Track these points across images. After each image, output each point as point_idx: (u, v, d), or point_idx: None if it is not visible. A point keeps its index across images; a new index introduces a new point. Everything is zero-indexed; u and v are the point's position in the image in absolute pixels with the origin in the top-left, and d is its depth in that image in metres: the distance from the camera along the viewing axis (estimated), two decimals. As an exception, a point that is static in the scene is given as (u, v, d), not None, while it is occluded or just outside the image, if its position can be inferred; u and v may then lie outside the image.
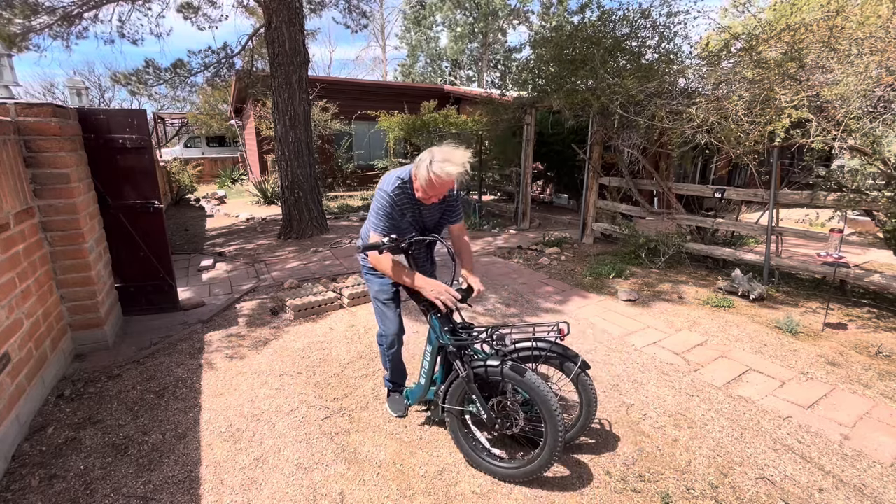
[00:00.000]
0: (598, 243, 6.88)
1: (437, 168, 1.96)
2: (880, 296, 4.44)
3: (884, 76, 3.24)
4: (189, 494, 2.09)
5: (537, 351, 2.16)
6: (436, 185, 2.01)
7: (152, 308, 4.16)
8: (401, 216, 2.21)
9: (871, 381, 2.97)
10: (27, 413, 2.58)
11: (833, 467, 2.22)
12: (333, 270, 5.53)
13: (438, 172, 1.95)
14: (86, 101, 7.54)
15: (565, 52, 6.10)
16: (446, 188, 2.06)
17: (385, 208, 2.15)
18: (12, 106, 2.96)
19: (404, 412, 2.63)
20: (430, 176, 1.98)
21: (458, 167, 1.96)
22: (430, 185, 2.02)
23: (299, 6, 6.98)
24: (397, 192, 2.15)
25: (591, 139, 6.61)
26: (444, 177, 1.96)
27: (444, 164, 1.96)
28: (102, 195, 3.78)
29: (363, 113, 12.88)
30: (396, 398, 2.68)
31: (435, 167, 1.96)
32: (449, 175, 1.96)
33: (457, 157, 1.98)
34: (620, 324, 3.93)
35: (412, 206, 2.23)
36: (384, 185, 2.18)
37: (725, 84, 4.44)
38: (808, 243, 6.07)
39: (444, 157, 1.97)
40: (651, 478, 2.17)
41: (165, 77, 8.50)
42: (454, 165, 1.96)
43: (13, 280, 2.61)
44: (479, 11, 25.65)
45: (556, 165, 10.01)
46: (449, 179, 1.98)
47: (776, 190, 4.63)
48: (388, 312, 2.46)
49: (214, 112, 17.77)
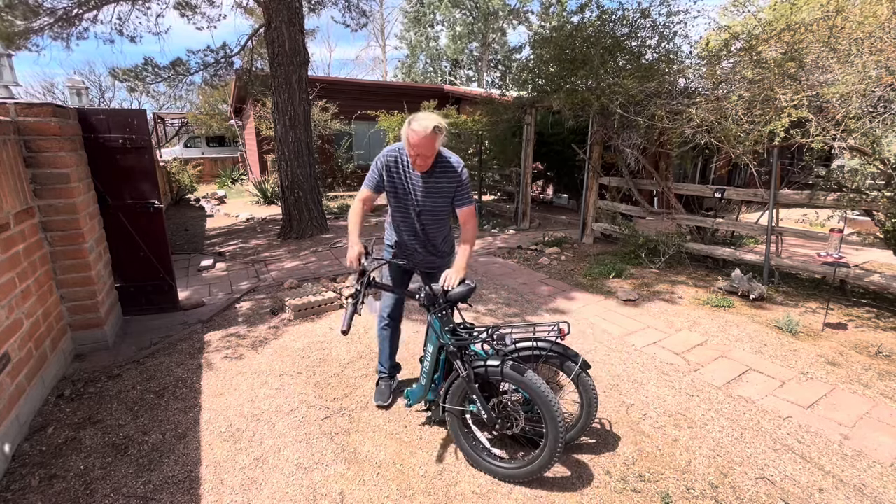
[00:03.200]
0: (598, 243, 6.88)
1: (414, 125, 2.15)
2: (880, 296, 4.44)
3: (884, 76, 3.24)
4: (189, 494, 2.09)
5: (538, 351, 2.16)
6: (413, 143, 2.16)
7: (152, 308, 4.16)
8: (391, 180, 2.38)
9: (871, 381, 2.97)
10: (27, 413, 2.58)
11: (833, 467, 2.22)
12: (333, 270, 5.53)
13: (415, 128, 2.13)
14: (86, 100, 7.55)
15: (565, 52, 6.10)
16: (428, 145, 2.16)
17: (373, 168, 2.41)
18: (12, 106, 2.96)
19: (385, 401, 2.71)
20: (409, 134, 2.16)
21: (433, 122, 2.13)
22: (411, 145, 2.18)
23: (299, 6, 6.97)
24: (390, 153, 2.36)
25: (591, 139, 6.61)
26: (419, 131, 2.12)
27: (420, 121, 2.14)
28: (102, 195, 3.77)
29: (363, 113, 12.87)
30: (382, 388, 2.78)
31: (413, 125, 2.16)
32: (424, 128, 2.11)
33: (431, 116, 2.18)
34: (620, 324, 3.93)
35: (407, 173, 2.36)
36: (383, 151, 2.40)
37: (725, 84, 4.44)
38: (808, 243, 6.08)
39: (420, 117, 2.18)
40: (651, 478, 2.17)
41: (164, 75, 8.48)
42: (429, 121, 2.13)
43: (13, 280, 2.61)
44: (478, 11, 25.64)
45: (556, 165, 10.01)
46: (425, 133, 2.11)
47: (776, 190, 4.63)
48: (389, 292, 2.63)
49: (214, 112, 17.77)
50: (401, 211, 2.46)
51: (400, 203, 2.44)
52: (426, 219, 2.44)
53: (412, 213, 2.42)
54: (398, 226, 2.53)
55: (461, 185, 2.36)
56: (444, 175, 2.34)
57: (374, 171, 2.40)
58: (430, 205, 2.39)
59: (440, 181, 2.34)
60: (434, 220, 2.46)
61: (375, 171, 2.39)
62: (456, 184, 2.35)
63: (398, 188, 2.39)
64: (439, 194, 2.37)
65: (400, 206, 2.45)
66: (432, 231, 2.49)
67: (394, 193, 2.42)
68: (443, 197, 2.38)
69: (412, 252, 2.55)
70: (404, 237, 2.53)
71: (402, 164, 2.35)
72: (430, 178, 2.34)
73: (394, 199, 2.45)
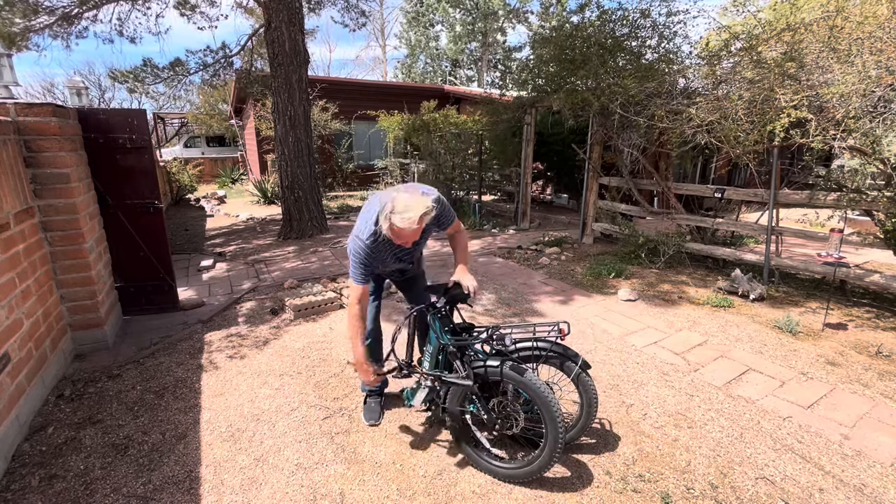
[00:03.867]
0: (598, 243, 6.88)
1: (397, 220, 1.90)
2: (880, 296, 4.44)
3: (884, 76, 3.24)
4: (189, 494, 2.09)
5: (538, 351, 2.16)
6: (400, 236, 1.97)
7: (152, 308, 4.16)
8: (381, 259, 2.22)
9: (871, 381, 2.97)
10: (27, 413, 2.58)
11: (833, 467, 2.22)
12: (333, 270, 5.53)
13: (399, 224, 1.90)
14: (86, 100, 7.55)
15: (565, 52, 6.10)
16: (415, 235, 1.98)
17: (361, 258, 2.11)
18: (12, 106, 2.96)
19: (377, 420, 2.59)
20: (393, 227, 1.93)
21: (420, 209, 1.89)
22: (396, 236, 1.98)
23: (299, 6, 6.97)
24: (372, 241, 2.09)
25: (591, 139, 6.61)
26: (405, 227, 1.90)
27: (404, 213, 1.89)
28: (102, 195, 3.77)
29: (363, 113, 12.88)
30: (372, 405, 2.65)
31: (395, 219, 1.90)
32: (411, 224, 1.89)
33: (416, 204, 1.90)
34: (620, 324, 3.93)
35: (391, 249, 2.19)
36: (360, 232, 2.11)
37: (725, 84, 4.44)
38: (808, 243, 6.07)
39: (403, 206, 1.90)
40: (651, 478, 2.17)
41: (163, 76, 8.48)
42: (415, 210, 1.89)
43: (13, 280, 2.61)
44: (478, 11, 25.64)
45: (556, 165, 10.01)
46: (412, 229, 1.90)
47: (776, 190, 4.64)
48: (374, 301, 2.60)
49: (214, 112, 17.77)
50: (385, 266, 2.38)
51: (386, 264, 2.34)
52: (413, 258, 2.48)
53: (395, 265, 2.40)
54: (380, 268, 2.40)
55: (441, 218, 2.20)
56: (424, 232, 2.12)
57: (363, 268, 2.13)
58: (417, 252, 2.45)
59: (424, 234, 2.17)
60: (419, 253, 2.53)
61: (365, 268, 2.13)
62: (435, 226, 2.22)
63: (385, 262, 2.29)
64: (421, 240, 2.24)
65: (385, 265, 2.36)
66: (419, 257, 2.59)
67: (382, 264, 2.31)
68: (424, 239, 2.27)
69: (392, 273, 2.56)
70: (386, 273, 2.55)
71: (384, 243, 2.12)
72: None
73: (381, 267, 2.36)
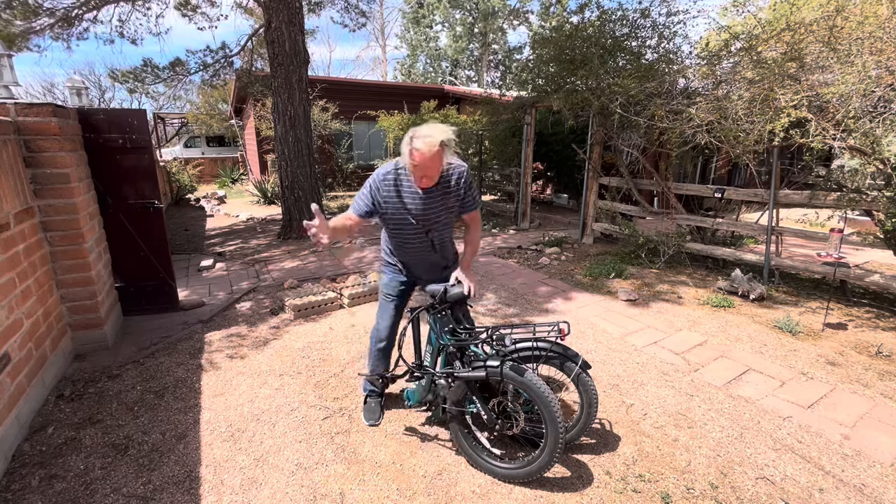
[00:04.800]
0: (598, 243, 6.88)
1: (418, 143, 1.92)
2: (880, 296, 4.44)
3: (884, 76, 3.25)
4: (189, 494, 2.09)
5: (538, 351, 2.16)
6: (419, 163, 1.95)
7: (152, 308, 4.16)
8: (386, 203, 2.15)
9: (871, 381, 2.97)
10: (27, 413, 2.58)
11: (833, 467, 2.22)
12: (333, 270, 5.53)
13: (419, 147, 1.91)
14: (86, 100, 7.54)
15: (565, 53, 6.10)
16: (434, 165, 1.97)
17: (365, 192, 2.15)
18: (12, 106, 2.96)
19: (377, 421, 2.56)
20: (412, 153, 1.94)
21: (439, 135, 1.91)
22: (416, 164, 1.97)
23: (299, 6, 6.97)
24: (386, 177, 2.13)
25: (591, 139, 6.61)
26: (424, 150, 1.90)
27: (424, 138, 1.91)
28: (102, 195, 3.77)
29: (363, 113, 12.88)
30: (372, 406, 2.63)
31: (416, 142, 1.93)
32: (431, 146, 1.89)
33: (437, 128, 1.93)
34: (620, 324, 3.93)
35: (408, 195, 2.14)
36: (377, 170, 2.17)
37: (725, 84, 4.44)
38: (808, 243, 6.07)
39: (425, 132, 1.93)
40: (651, 478, 2.17)
41: (163, 76, 8.48)
42: (434, 136, 1.90)
43: (13, 280, 2.61)
44: (478, 11, 25.64)
45: (555, 165, 10.02)
46: (430, 152, 1.91)
47: (776, 190, 4.64)
48: (387, 307, 2.49)
49: (214, 112, 17.78)
50: (403, 232, 2.25)
51: (401, 225, 2.22)
52: (436, 234, 2.27)
53: (420, 232, 2.23)
54: (401, 246, 2.33)
55: (468, 190, 2.20)
56: (447, 187, 2.15)
57: (364, 196, 2.15)
58: (435, 218, 2.21)
59: (447, 192, 2.16)
60: (443, 230, 2.30)
61: (367, 197, 2.15)
62: (463, 191, 2.19)
63: (398, 211, 2.17)
64: (444, 207, 2.19)
65: (401, 227, 2.24)
66: (442, 241, 2.33)
67: (394, 216, 2.20)
68: (448, 209, 2.22)
69: (417, 266, 2.40)
70: (410, 256, 2.37)
71: (401, 184, 2.13)
72: (434, 193, 2.14)
73: (394, 222, 2.23)
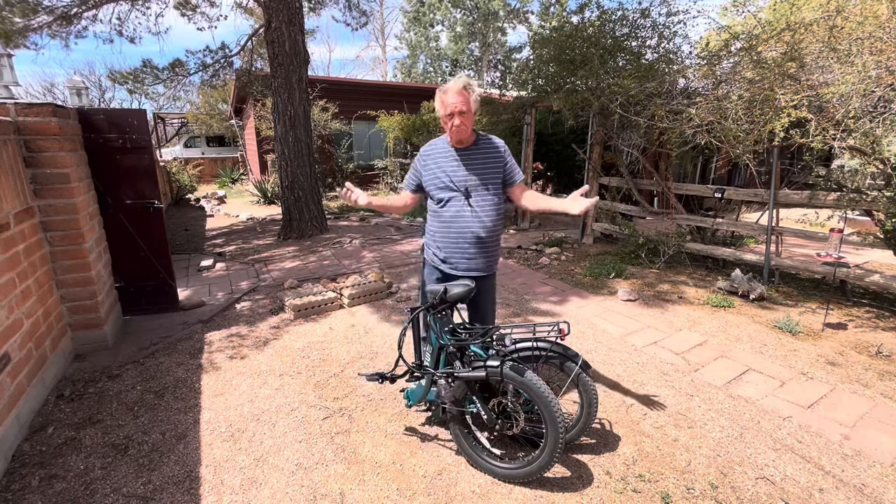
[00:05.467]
0: (598, 243, 6.88)
1: (444, 87, 2.16)
2: (880, 296, 4.44)
3: (884, 76, 3.24)
4: (189, 494, 2.09)
5: (538, 351, 2.16)
6: (447, 102, 2.13)
7: (152, 308, 4.16)
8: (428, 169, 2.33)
9: (871, 381, 2.97)
10: (27, 413, 2.58)
11: (833, 467, 2.22)
12: (333, 270, 5.53)
13: (445, 88, 2.15)
14: (86, 100, 7.54)
15: (565, 53, 6.10)
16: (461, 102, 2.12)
17: (412, 168, 2.42)
18: (12, 106, 2.96)
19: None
20: (441, 97, 2.16)
21: (463, 80, 2.13)
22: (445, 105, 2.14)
23: (299, 6, 6.97)
24: (426, 149, 2.37)
25: (591, 139, 6.61)
26: (450, 86, 2.13)
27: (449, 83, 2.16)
28: (102, 195, 3.77)
29: (363, 113, 12.88)
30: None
31: (442, 88, 2.17)
32: (455, 83, 2.12)
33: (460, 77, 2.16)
34: (620, 324, 3.93)
35: (446, 157, 2.29)
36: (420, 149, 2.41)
37: (725, 84, 4.44)
38: (808, 243, 6.07)
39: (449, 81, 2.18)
40: (651, 478, 2.17)
41: (163, 77, 8.48)
42: (458, 80, 2.13)
43: (13, 280, 2.61)
44: (478, 11, 25.64)
45: (556, 165, 10.02)
46: (456, 88, 2.11)
47: (776, 190, 4.64)
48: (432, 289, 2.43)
49: (214, 112, 17.78)
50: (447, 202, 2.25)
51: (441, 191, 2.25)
52: (477, 200, 2.22)
53: (461, 200, 2.23)
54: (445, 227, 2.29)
55: (509, 161, 2.30)
56: (487, 149, 2.27)
57: (410, 172, 2.41)
58: (477, 181, 2.21)
59: (485, 156, 2.26)
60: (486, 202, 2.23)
61: (413, 170, 2.40)
62: (502, 161, 2.28)
63: (437, 178, 2.26)
64: (485, 169, 2.24)
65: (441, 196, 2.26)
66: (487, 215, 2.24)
67: (433, 182, 2.27)
68: (490, 172, 2.24)
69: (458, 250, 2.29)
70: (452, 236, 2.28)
71: (439, 149, 2.32)
72: (474, 152, 2.26)
73: (434, 188, 2.28)
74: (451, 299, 2.17)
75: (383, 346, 3.53)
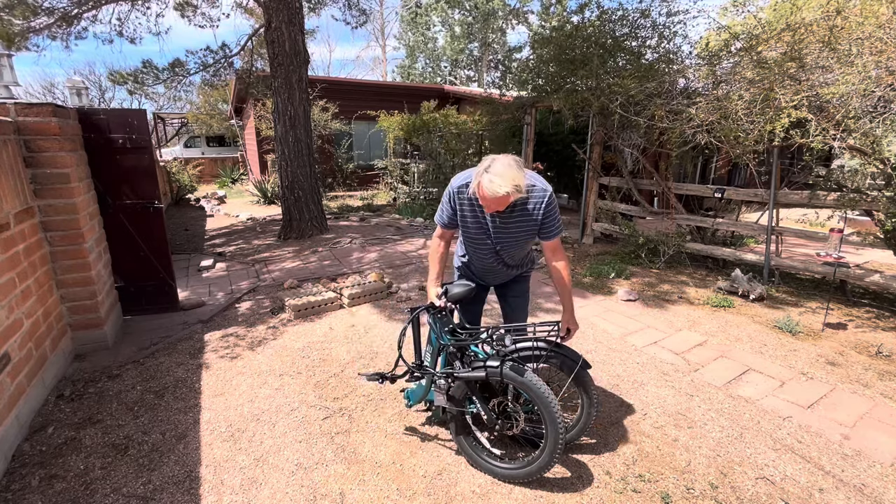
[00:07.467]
0: (598, 243, 6.88)
1: (485, 180, 1.87)
2: (880, 296, 4.44)
3: (884, 76, 3.24)
4: (189, 494, 2.09)
5: (538, 351, 2.16)
6: (484, 198, 1.94)
7: (152, 308, 4.16)
8: (462, 217, 2.19)
9: (871, 381, 2.97)
10: (27, 413, 2.58)
11: (833, 467, 2.22)
12: (333, 270, 5.53)
13: (485, 185, 1.87)
14: (86, 100, 7.55)
15: (565, 53, 6.10)
16: (495, 204, 1.94)
17: (445, 201, 2.21)
18: (12, 106, 2.96)
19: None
20: (480, 185, 1.91)
21: (507, 185, 1.84)
22: (481, 197, 1.95)
23: (299, 6, 6.97)
24: (461, 190, 2.13)
25: (591, 139, 6.61)
26: (487, 192, 1.88)
27: (494, 178, 1.85)
28: (102, 195, 3.77)
29: (363, 113, 12.87)
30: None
31: (484, 179, 1.88)
32: (494, 192, 1.85)
33: (509, 175, 1.85)
34: (620, 324, 3.93)
35: (476, 211, 2.14)
36: (453, 181, 2.16)
37: (725, 84, 4.44)
38: (808, 243, 6.07)
39: (497, 172, 1.86)
40: (651, 478, 2.17)
41: (163, 77, 8.49)
42: (501, 185, 1.84)
43: (13, 280, 2.61)
44: (478, 11, 25.64)
45: (556, 165, 10.01)
46: (493, 196, 1.87)
47: (776, 190, 4.64)
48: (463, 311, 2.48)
49: (214, 112, 17.78)
50: (475, 244, 2.27)
51: (472, 238, 2.25)
52: (506, 252, 2.24)
53: (489, 248, 2.23)
54: (473, 253, 2.33)
55: (547, 217, 2.09)
56: (524, 212, 2.09)
57: (445, 206, 2.20)
58: (508, 240, 2.17)
59: (520, 221, 2.11)
60: (516, 250, 2.25)
61: (447, 206, 2.19)
62: (541, 217, 2.09)
63: (470, 226, 2.20)
64: (519, 230, 2.14)
65: (472, 240, 2.26)
66: (513, 258, 2.31)
67: (465, 229, 2.24)
68: (523, 232, 2.15)
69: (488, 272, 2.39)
70: (480, 263, 2.35)
71: (474, 202, 2.10)
72: (507, 217, 2.10)
73: (465, 233, 2.27)
74: (452, 299, 2.17)
75: (383, 346, 3.53)
